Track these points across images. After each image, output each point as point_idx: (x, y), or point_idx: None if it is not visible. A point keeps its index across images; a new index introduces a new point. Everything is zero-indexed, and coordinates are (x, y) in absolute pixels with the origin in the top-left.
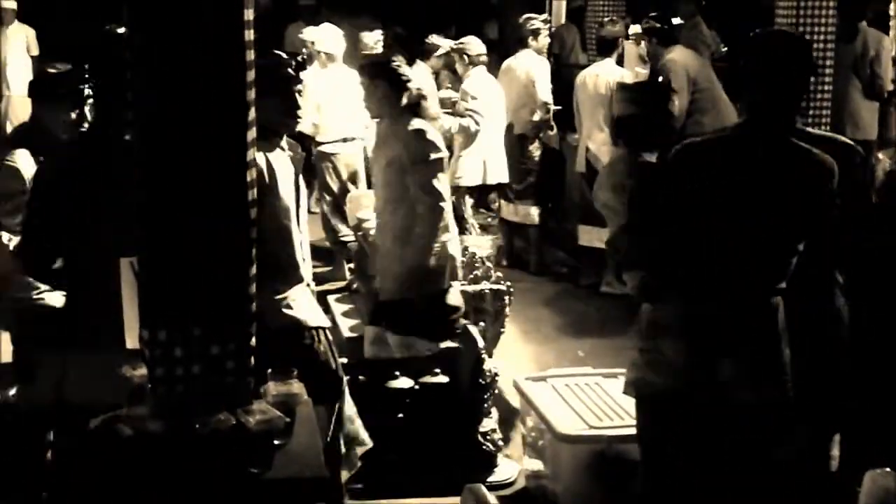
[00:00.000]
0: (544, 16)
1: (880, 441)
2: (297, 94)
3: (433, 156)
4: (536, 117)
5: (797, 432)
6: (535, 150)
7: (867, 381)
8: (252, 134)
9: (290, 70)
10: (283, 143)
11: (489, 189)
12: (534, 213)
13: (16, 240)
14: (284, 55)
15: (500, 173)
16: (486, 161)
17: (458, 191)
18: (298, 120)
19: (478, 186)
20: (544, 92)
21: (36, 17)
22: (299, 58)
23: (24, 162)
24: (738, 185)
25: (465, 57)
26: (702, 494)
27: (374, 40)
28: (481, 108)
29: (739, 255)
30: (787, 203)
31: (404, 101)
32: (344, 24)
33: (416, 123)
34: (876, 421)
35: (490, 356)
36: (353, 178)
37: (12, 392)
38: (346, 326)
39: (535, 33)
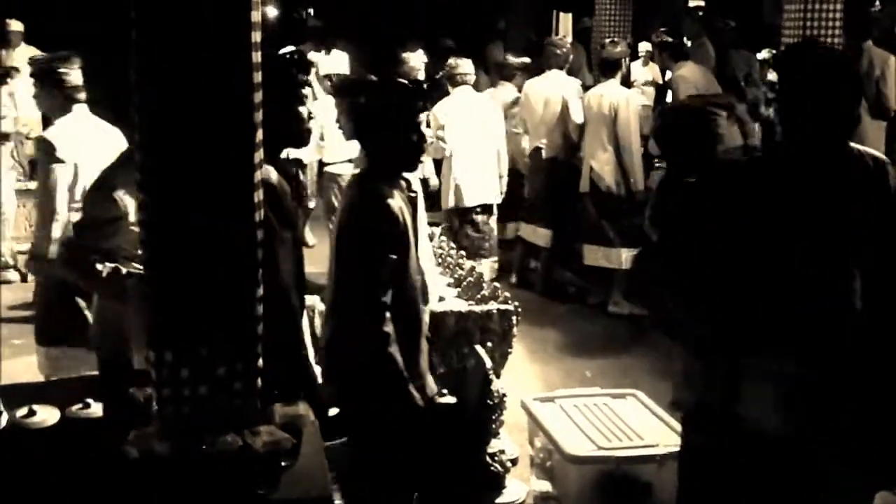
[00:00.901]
0: (569, 38)
1: None
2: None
3: None
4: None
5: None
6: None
7: None
8: (259, 155)
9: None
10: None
11: (468, 211)
12: (545, 235)
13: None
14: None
15: (478, 195)
16: (461, 184)
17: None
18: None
19: (457, 209)
20: (577, 114)
21: (42, 39)
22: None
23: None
24: (791, 208)
25: (458, 75)
26: None
27: (418, 61)
28: (455, 131)
29: (801, 276)
30: (849, 212)
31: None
32: (349, 47)
33: None
34: None
35: (498, 376)
36: None
37: (21, 413)
38: None
39: (568, 54)
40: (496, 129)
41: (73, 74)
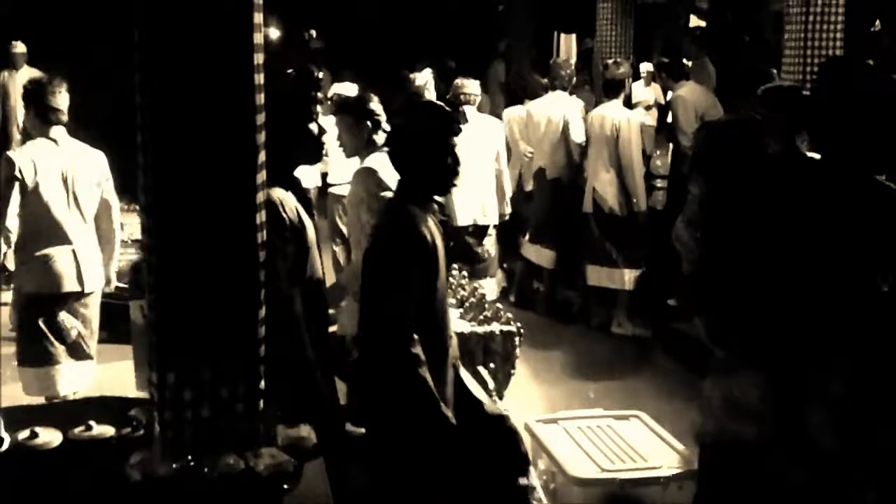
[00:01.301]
0: (571, 58)
1: None
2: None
3: (381, 194)
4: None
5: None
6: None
7: None
8: (262, 177)
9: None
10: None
11: (457, 231)
12: (549, 256)
13: None
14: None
15: (469, 215)
16: (453, 203)
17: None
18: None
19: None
20: (578, 134)
21: (45, 61)
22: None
23: None
24: (817, 224)
25: (462, 94)
26: None
27: (423, 80)
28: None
29: (819, 294)
30: (863, 240)
31: (369, 137)
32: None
33: (369, 161)
34: None
35: (501, 398)
36: None
37: (24, 435)
38: None
39: (571, 76)
40: (496, 149)
41: (56, 97)
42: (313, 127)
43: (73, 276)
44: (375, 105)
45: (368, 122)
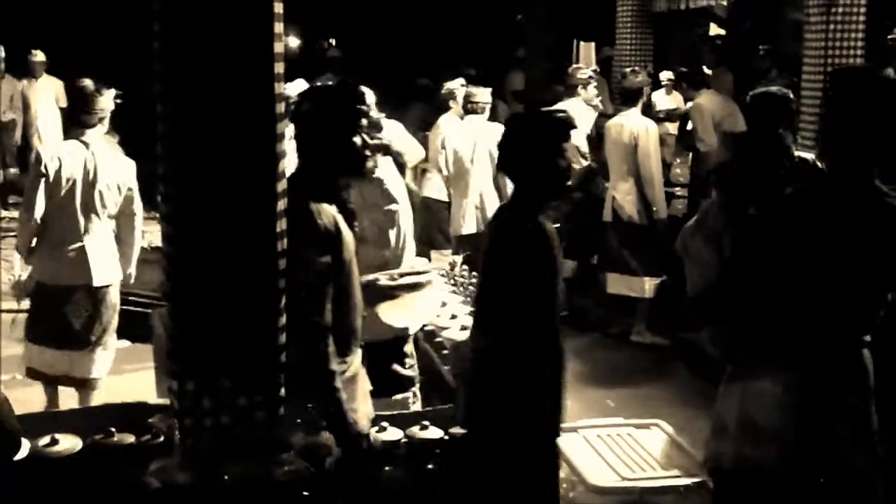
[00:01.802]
0: (593, 66)
1: None
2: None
3: (387, 207)
4: (577, 167)
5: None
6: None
7: None
8: (282, 185)
9: None
10: None
11: (463, 239)
12: (569, 265)
13: None
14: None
15: (472, 225)
16: (460, 212)
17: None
18: None
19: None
20: (579, 139)
21: (64, 70)
22: None
23: None
24: (825, 239)
25: (471, 102)
26: None
27: (456, 85)
28: (457, 158)
29: (827, 310)
30: (873, 254)
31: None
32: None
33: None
34: None
35: None
36: None
37: (43, 441)
38: None
39: (585, 83)
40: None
41: (93, 102)
42: (357, 139)
43: (80, 270)
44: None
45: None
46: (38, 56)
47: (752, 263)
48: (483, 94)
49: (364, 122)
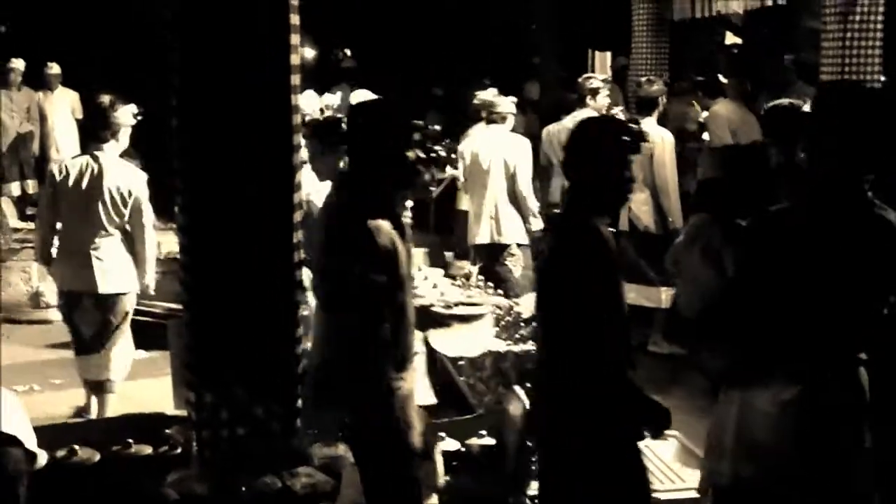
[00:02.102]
0: (604, 75)
1: None
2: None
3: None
4: None
5: None
6: None
7: None
8: (298, 196)
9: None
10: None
11: (476, 249)
12: None
13: None
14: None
15: (484, 235)
16: (472, 222)
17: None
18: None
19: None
20: None
21: (79, 81)
22: None
23: None
24: (818, 254)
25: (493, 112)
26: None
27: (491, 95)
28: (473, 168)
29: (823, 326)
30: (866, 268)
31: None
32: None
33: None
34: None
35: None
36: None
37: (62, 452)
38: None
39: (595, 92)
40: (517, 169)
41: (107, 116)
42: (410, 154)
43: (87, 278)
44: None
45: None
46: (54, 69)
47: (751, 281)
48: (506, 104)
49: (417, 135)
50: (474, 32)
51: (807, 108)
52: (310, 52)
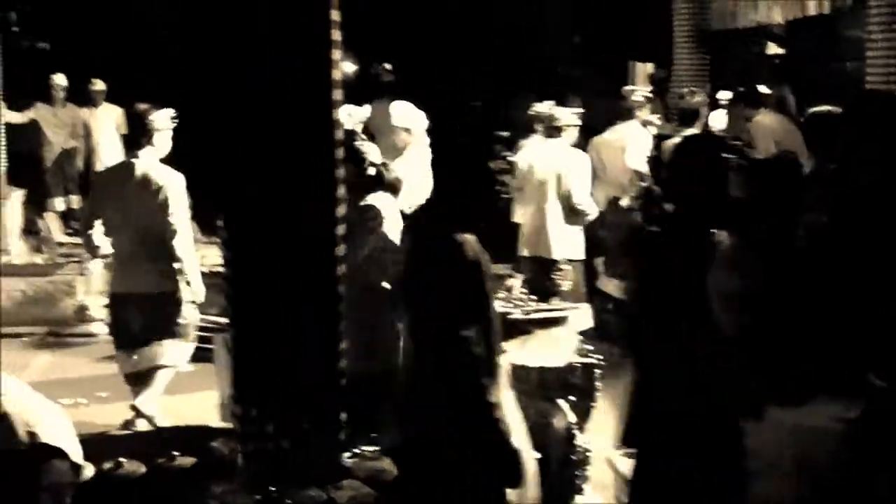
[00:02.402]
0: (648, 88)
1: None
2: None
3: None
4: (632, 188)
5: None
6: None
7: None
8: (342, 210)
9: None
10: None
11: (523, 260)
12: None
13: None
14: None
15: (531, 247)
16: (521, 234)
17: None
18: None
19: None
20: (636, 161)
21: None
22: None
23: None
24: (863, 265)
25: (551, 125)
26: None
27: (549, 107)
28: (527, 181)
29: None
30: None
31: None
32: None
33: (370, 199)
34: None
35: (581, 431)
36: None
37: (108, 465)
38: None
39: (642, 104)
40: (571, 182)
41: (150, 120)
42: (492, 164)
43: (120, 279)
44: (360, 144)
45: (351, 163)
46: (99, 85)
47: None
48: (565, 116)
49: (498, 146)
50: (513, 44)
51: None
52: (350, 67)
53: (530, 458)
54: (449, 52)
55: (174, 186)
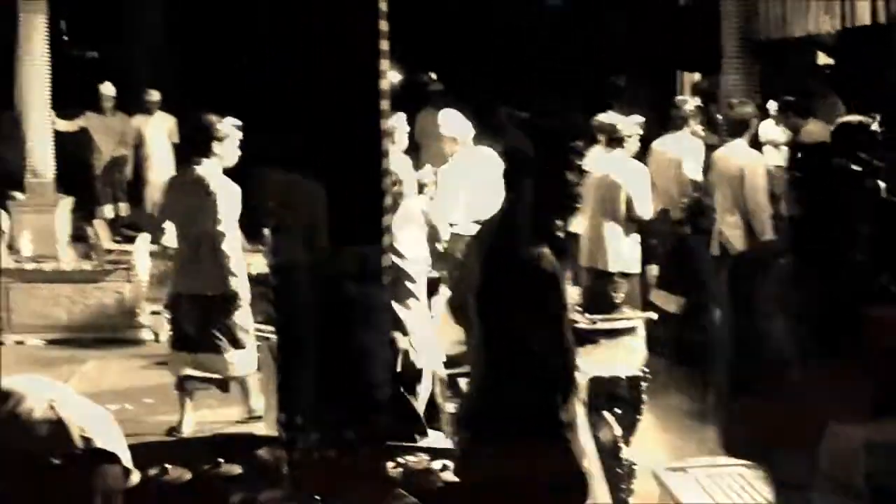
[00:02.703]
0: (696, 99)
1: None
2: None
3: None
4: (685, 199)
5: None
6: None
7: None
8: (388, 220)
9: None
10: None
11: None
12: (677, 301)
13: None
14: None
15: (585, 258)
16: (583, 245)
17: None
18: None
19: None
20: (692, 170)
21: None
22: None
23: None
24: None
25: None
26: None
27: (611, 117)
28: (587, 191)
29: None
30: None
31: None
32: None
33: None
34: None
35: (627, 444)
36: None
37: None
38: None
39: (695, 115)
40: (628, 195)
41: (210, 131)
42: (572, 177)
43: (180, 280)
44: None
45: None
46: (154, 95)
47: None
48: (628, 126)
49: (575, 156)
50: (558, 54)
51: (875, 126)
52: (395, 76)
53: (599, 481)
54: (496, 62)
55: (225, 194)
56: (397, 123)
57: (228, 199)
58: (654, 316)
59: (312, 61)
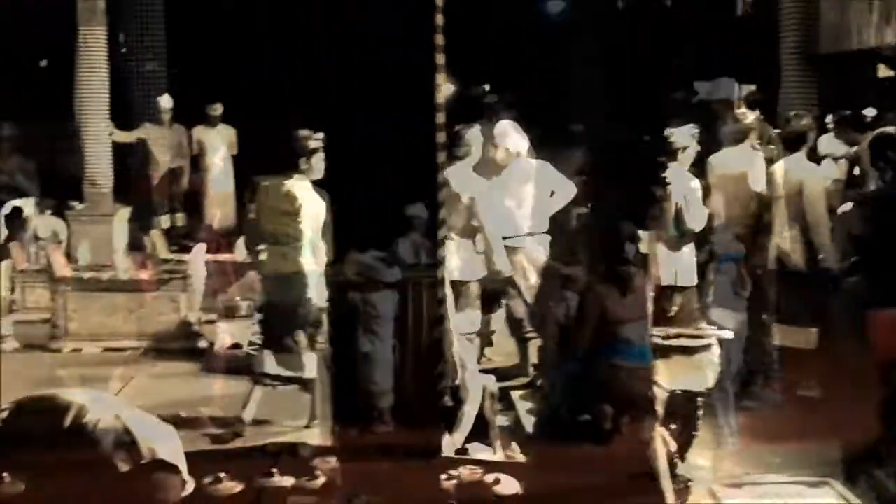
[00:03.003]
0: (756, 111)
1: None
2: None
3: None
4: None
5: None
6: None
7: None
8: (443, 232)
9: None
10: None
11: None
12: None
13: None
14: None
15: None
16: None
17: None
18: None
19: None
20: (757, 182)
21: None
22: None
23: None
24: None
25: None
26: None
27: (687, 134)
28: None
29: None
30: None
31: None
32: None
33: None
34: None
35: (682, 460)
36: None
37: (208, 480)
38: (530, 423)
39: (754, 129)
40: (683, 210)
41: (300, 144)
42: (658, 191)
43: (269, 288)
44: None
45: None
46: (217, 109)
47: None
48: (681, 138)
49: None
50: (613, 67)
51: None
52: (449, 88)
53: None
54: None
55: (310, 205)
56: (472, 137)
57: (310, 209)
58: (729, 335)
59: (370, 78)
